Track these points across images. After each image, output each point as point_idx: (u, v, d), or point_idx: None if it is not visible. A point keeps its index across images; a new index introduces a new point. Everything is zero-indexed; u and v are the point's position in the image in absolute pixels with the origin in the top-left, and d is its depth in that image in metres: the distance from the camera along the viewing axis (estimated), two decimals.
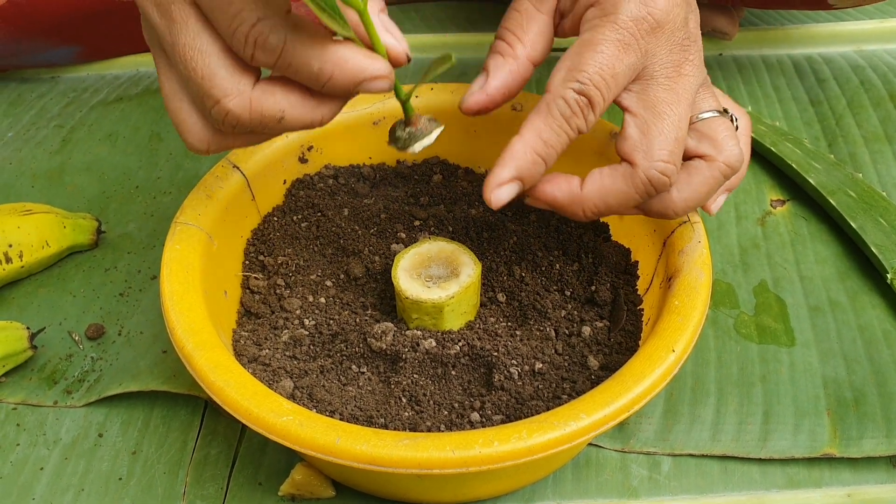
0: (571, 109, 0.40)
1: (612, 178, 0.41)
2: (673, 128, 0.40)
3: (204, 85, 0.36)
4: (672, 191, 0.42)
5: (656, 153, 0.40)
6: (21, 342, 0.50)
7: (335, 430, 0.38)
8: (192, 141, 0.39)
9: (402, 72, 0.46)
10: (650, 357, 0.40)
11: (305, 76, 0.36)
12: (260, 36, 0.35)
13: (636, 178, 0.40)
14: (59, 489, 0.46)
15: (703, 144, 0.42)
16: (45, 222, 0.55)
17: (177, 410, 0.49)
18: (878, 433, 0.47)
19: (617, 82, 0.40)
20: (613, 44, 0.39)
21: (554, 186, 0.42)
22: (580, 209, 0.42)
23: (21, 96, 0.72)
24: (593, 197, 0.41)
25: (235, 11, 0.35)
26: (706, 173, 0.42)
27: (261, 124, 0.38)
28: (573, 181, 0.42)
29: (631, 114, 0.41)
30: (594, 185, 0.41)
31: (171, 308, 0.43)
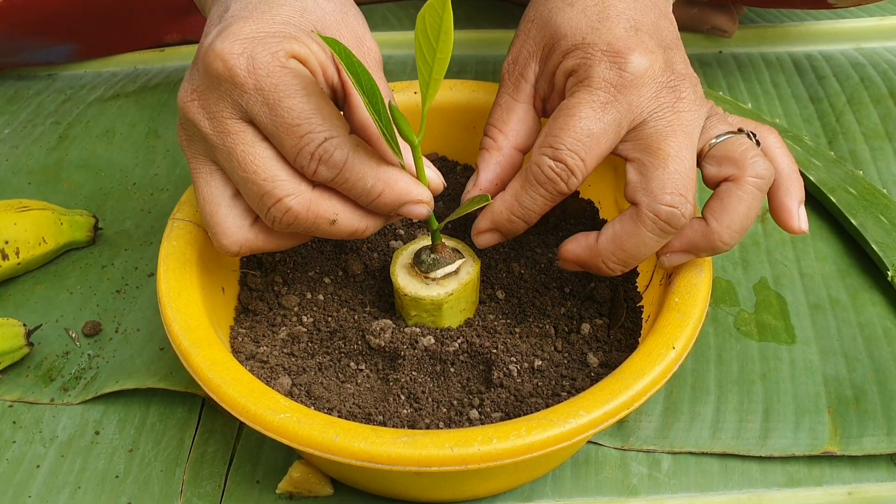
0: (547, 176, 0.41)
1: (621, 223, 0.41)
2: (674, 162, 0.40)
3: (266, 186, 0.39)
4: (711, 222, 0.41)
5: (657, 189, 0.40)
6: (17, 339, 0.50)
7: (333, 427, 0.37)
8: (227, 243, 0.41)
9: None
10: (650, 354, 0.40)
11: (358, 191, 0.39)
12: (325, 153, 0.38)
13: (643, 217, 0.40)
14: (55, 487, 0.46)
15: (724, 167, 0.41)
16: (41, 219, 0.55)
17: (174, 408, 0.49)
18: (878, 431, 0.46)
19: (597, 142, 0.40)
20: (589, 105, 0.40)
21: (574, 245, 0.43)
22: (601, 262, 0.42)
23: (18, 93, 0.72)
24: (609, 246, 0.41)
25: (305, 132, 0.38)
26: (737, 193, 0.40)
27: (314, 224, 0.40)
28: (591, 236, 0.43)
29: (630, 161, 0.41)
30: (607, 235, 0.42)
31: (168, 304, 0.42)
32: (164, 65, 0.74)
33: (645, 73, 0.40)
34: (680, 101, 0.41)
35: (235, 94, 0.38)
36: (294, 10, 0.41)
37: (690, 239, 0.41)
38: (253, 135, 0.39)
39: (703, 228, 0.41)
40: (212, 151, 0.40)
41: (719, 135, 0.42)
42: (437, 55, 0.37)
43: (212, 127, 0.39)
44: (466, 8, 0.78)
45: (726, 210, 0.41)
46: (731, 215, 0.41)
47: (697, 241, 0.41)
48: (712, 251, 0.41)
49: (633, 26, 0.41)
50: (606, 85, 0.40)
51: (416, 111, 0.53)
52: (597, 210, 0.52)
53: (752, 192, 0.40)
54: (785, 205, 0.42)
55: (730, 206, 0.41)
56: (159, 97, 0.70)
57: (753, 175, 0.40)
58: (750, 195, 0.40)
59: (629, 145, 0.41)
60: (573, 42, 0.41)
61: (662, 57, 0.41)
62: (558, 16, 0.42)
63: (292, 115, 0.38)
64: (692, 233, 0.41)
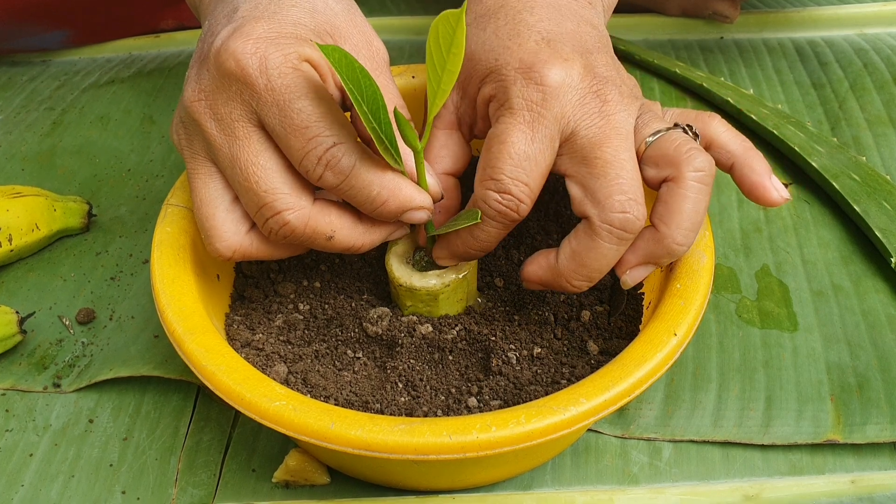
0: (497, 210, 0.40)
1: (577, 239, 0.40)
2: (614, 167, 0.38)
3: (266, 197, 0.39)
4: (660, 227, 0.39)
5: (605, 198, 0.38)
6: (10, 327, 0.50)
7: (329, 415, 0.37)
8: (221, 247, 0.41)
9: None
10: (651, 341, 0.39)
11: (363, 198, 0.39)
12: (333, 158, 0.38)
13: (597, 230, 0.39)
14: (48, 476, 0.45)
15: (662, 168, 0.39)
16: (34, 205, 0.54)
17: (169, 396, 0.49)
18: (882, 419, 0.46)
19: (536, 163, 0.39)
20: (517, 129, 0.39)
21: (535, 266, 0.42)
22: (565, 281, 0.41)
23: (11, 79, 0.71)
24: (569, 265, 0.40)
25: (313, 135, 0.38)
26: (680, 192, 0.39)
27: (311, 239, 0.40)
28: (550, 255, 0.41)
29: (568, 176, 0.40)
30: (565, 253, 0.40)
31: (162, 291, 0.42)
32: (160, 50, 0.74)
33: (563, 83, 0.39)
34: (606, 105, 0.39)
35: (246, 95, 0.38)
36: (304, 10, 0.40)
37: (645, 249, 0.40)
38: (259, 141, 0.39)
39: (655, 235, 0.40)
40: (214, 154, 0.40)
41: (653, 133, 0.40)
42: (448, 67, 0.37)
43: (218, 129, 0.39)
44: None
45: (673, 212, 0.39)
46: (679, 216, 0.39)
47: (653, 250, 0.40)
48: (670, 256, 0.40)
49: (545, 38, 0.40)
50: (528, 103, 0.39)
51: (413, 95, 0.52)
52: None
53: (695, 187, 0.39)
54: (756, 182, 0.41)
55: (675, 206, 0.39)
56: (154, 83, 0.69)
57: (693, 170, 0.39)
58: (694, 191, 0.39)
59: (565, 160, 0.40)
60: (487, 66, 0.41)
61: (580, 63, 0.40)
62: (472, 42, 0.42)
63: (301, 118, 0.37)
64: (645, 243, 0.40)
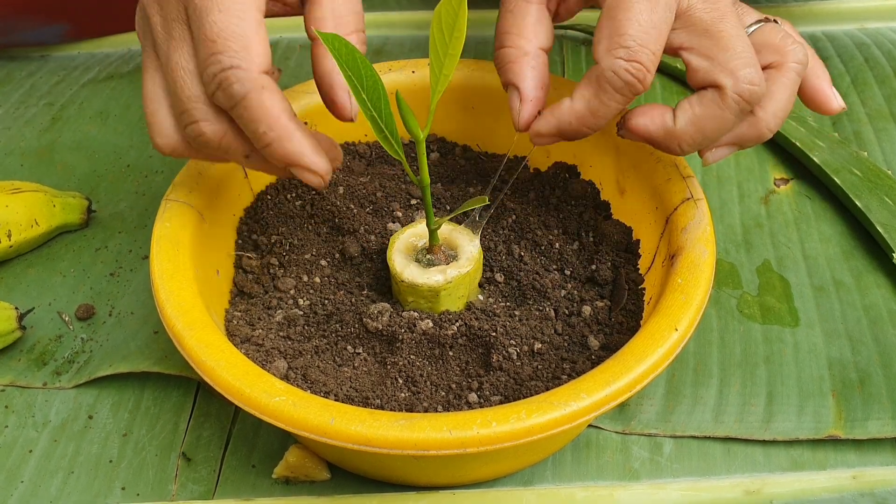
0: (625, 80, 0.39)
1: (702, 107, 0.40)
2: (738, 42, 0.39)
3: (187, 104, 0.39)
4: (757, 111, 0.41)
5: (736, 69, 0.39)
6: (9, 322, 0.49)
7: (329, 410, 0.37)
8: (160, 142, 0.41)
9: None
10: (653, 336, 0.39)
11: (250, 131, 0.38)
12: (225, 80, 0.37)
13: (727, 99, 0.39)
14: (48, 472, 0.45)
15: (764, 55, 0.41)
16: (34, 201, 0.54)
17: (168, 392, 0.48)
18: (883, 414, 0.46)
19: (660, 33, 0.39)
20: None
21: (647, 119, 0.41)
22: (676, 144, 0.41)
23: (10, 74, 0.71)
24: (689, 129, 0.40)
25: (215, 51, 0.37)
26: (781, 80, 0.41)
27: (227, 153, 0.40)
28: (667, 115, 0.41)
29: (686, 49, 0.40)
30: (686, 118, 0.40)
31: (161, 286, 0.42)
32: None
33: None
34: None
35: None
36: None
37: (738, 132, 0.41)
38: (190, 46, 0.38)
39: (750, 119, 0.41)
40: (157, 50, 0.40)
41: (755, 22, 0.42)
42: (449, 51, 0.37)
43: (161, 25, 0.39)
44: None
45: (772, 97, 0.41)
46: (776, 102, 0.41)
47: (745, 133, 0.42)
48: (758, 139, 0.42)
49: None
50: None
51: (412, 90, 0.52)
52: (598, 191, 0.51)
53: (794, 77, 0.41)
54: (819, 88, 0.44)
55: (775, 93, 0.41)
56: None
57: (794, 61, 0.41)
58: (793, 81, 0.41)
59: (682, 34, 0.40)
60: None
61: None
62: None
63: (213, 31, 0.37)
64: (740, 128, 0.41)
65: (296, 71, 0.69)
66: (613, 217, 0.50)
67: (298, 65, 0.70)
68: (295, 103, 0.51)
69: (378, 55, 0.71)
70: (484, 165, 0.53)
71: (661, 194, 0.46)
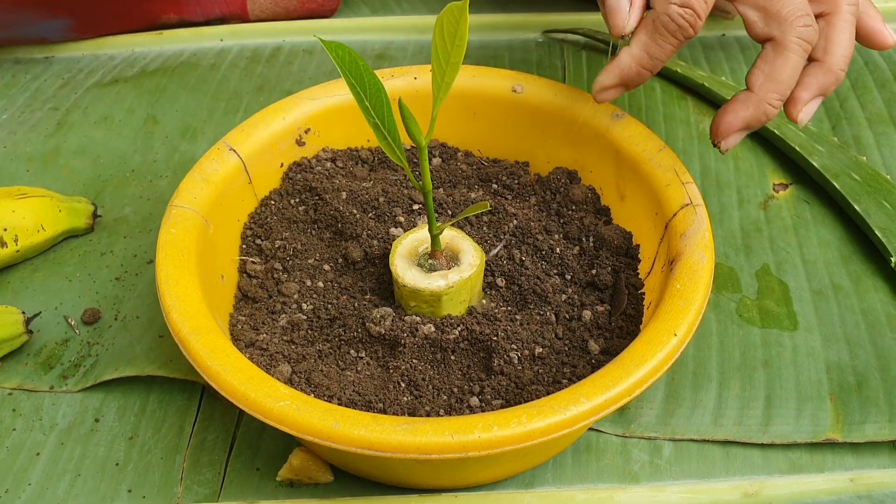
0: (678, 24, 0.43)
1: (767, 62, 0.44)
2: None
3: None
4: (826, 60, 0.45)
5: (790, 16, 0.43)
6: (17, 327, 0.50)
7: (333, 414, 0.37)
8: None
9: None
10: (652, 341, 0.39)
11: None
12: None
13: (787, 44, 0.43)
14: (55, 474, 0.46)
15: (816, 4, 0.45)
16: (40, 206, 0.55)
17: (174, 395, 0.49)
18: (881, 418, 0.46)
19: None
20: None
21: (731, 115, 0.45)
22: (765, 105, 0.45)
23: (15, 77, 0.71)
24: (769, 86, 0.44)
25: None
26: (841, 24, 0.45)
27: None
28: (739, 95, 0.45)
29: (742, 1, 0.44)
30: (759, 80, 0.44)
31: (167, 292, 0.42)
32: (162, 48, 0.74)
33: None
34: None
35: None
36: None
37: (816, 83, 0.45)
38: None
39: (822, 68, 0.45)
40: None
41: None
42: (451, 59, 0.38)
43: None
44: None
45: (835, 41, 0.45)
46: (840, 45, 0.45)
47: (822, 81, 0.45)
48: (836, 83, 0.46)
49: None
50: None
51: (415, 96, 0.53)
52: (599, 196, 0.52)
53: (850, 19, 0.45)
54: (875, 28, 0.48)
55: (836, 36, 0.45)
56: (157, 82, 0.69)
57: (848, 3, 0.45)
58: (850, 23, 0.45)
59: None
60: None
61: None
62: None
63: None
64: (815, 77, 0.45)
65: (299, 75, 0.70)
66: (613, 222, 0.50)
67: (301, 69, 0.70)
68: (299, 109, 0.52)
69: (380, 59, 0.71)
70: (485, 170, 0.54)
71: (661, 200, 0.46)
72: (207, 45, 0.73)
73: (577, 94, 0.52)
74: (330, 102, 0.52)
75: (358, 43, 0.73)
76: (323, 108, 0.52)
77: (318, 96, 0.53)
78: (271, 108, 0.52)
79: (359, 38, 0.73)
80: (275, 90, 0.68)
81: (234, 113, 0.66)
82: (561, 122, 0.52)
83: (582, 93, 0.52)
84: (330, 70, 0.70)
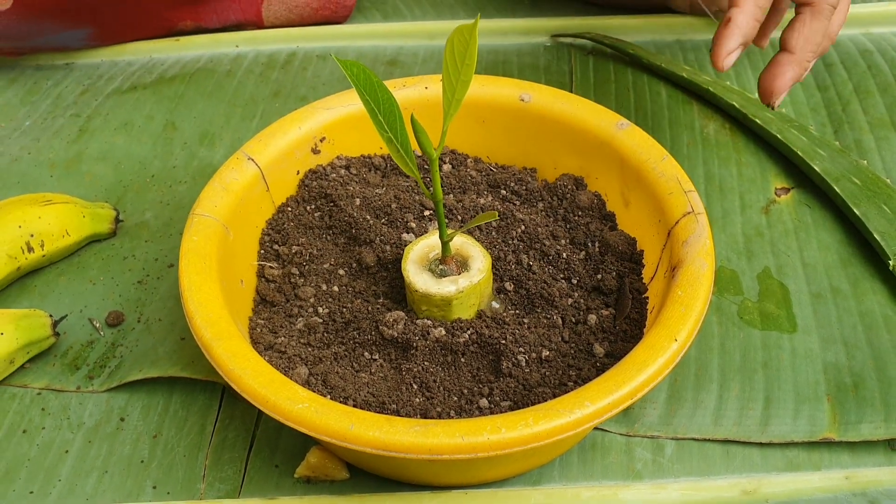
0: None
1: (807, 27, 0.52)
2: None
3: None
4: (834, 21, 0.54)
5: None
6: (44, 329, 0.52)
7: (349, 417, 0.39)
8: None
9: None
10: (653, 346, 0.41)
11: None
12: None
13: (822, 9, 0.51)
14: (83, 471, 0.48)
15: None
16: (64, 212, 0.57)
17: (195, 395, 0.51)
18: (876, 417, 0.48)
19: None
20: None
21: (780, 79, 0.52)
22: (805, 63, 0.52)
23: (37, 84, 0.73)
24: (806, 46, 0.52)
25: None
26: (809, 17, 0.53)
27: None
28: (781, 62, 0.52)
29: None
30: (798, 43, 0.52)
31: (190, 298, 0.44)
32: (180, 54, 0.75)
33: None
34: None
35: None
36: None
37: (826, 32, 0.53)
38: None
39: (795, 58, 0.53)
40: None
41: None
42: (462, 77, 0.40)
43: None
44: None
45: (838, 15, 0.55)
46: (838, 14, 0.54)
47: (831, 28, 0.54)
48: (831, 42, 0.57)
49: None
50: None
51: (426, 106, 0.54)
52: (604, 202, 0.53)
53: (826, 14, 0.53)
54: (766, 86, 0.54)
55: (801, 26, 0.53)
56: (176, 89, 0.71)
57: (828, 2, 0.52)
58: (823, 18, 0.53)
59: None
60: None
61: None
62: None
63: None
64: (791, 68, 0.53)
65: (313, 81, 0.71)
66: (619, 228, 0.52)
67: (315, 75, 0.72)
68: (314, 118, 0.54)
69: (392, 65, 0.73)
70: (494, 177, 0.55)
71: (664, 208, 0.48)
72: (224, 51, 0.75)
73: (583, 102, 0.53)
74: (344, 112, 0.54)
75: (370, 49, 0.74)
76: (337, 117, 0.54)
77: (333, 106, 0.54)
78: (288, 117, 0.54)
79: (371, 44, 0.75)
80: (290, 96, 0.70)
81: (251, 119, 0.68)
82: (567, 131, 0.53)
83: (588, 102, 0.53)
84: (343, 76, 0.71)
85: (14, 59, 0.75)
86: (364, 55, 0.74)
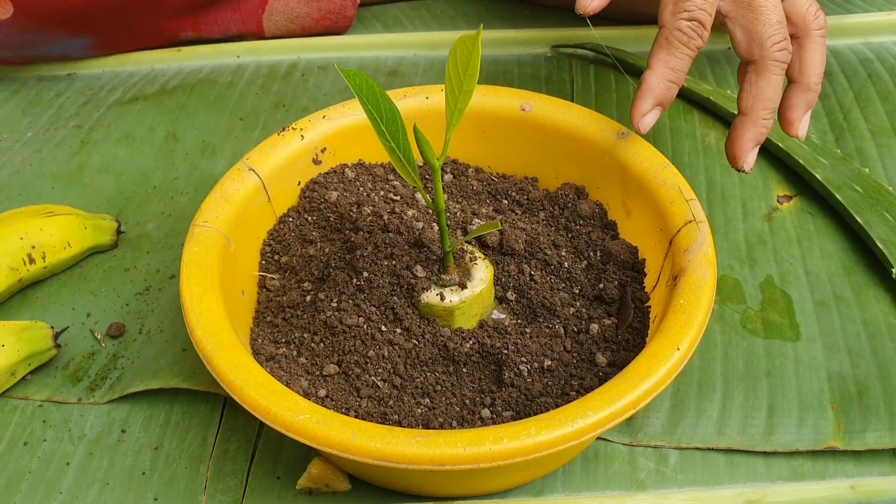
0: (688, 35, 0.48)
1: (754, 85, 0.49)
2: (773, 13, 0.48)
3: None
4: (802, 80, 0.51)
5: (768, 40, 0.48)
6: (46, 341, 0.52)
7: (351, 427, 0.39)
8: None
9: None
10: (656, 355, 0.41)
11: None
12: None
13: (767, 66, 0.49)
14: (84, 483, 0.48)
15: (794, 23, 0.51)
16: (66, 224, 0.57)
17: (197, 407, 0.51)
18: (881, 426, 0.48)
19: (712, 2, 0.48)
20: None
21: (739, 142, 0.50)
22: (761, 122, 0.50)
23: (39, 95, 0.73)
24: (759, 105, 0.49)
25: None
26: (813, 45, 0.51)
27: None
28: (737, 122, 0.50)
29: (731, 19, 0.49)
30: (748, 102, 0.49)
31: (191, 310, 0.44)
32: (181, 65, 0.76)
33: None
34: None
35: None
36: None
37: (800, 100, 0.51)
38: None
39: (800, 87, 0.51)
40: None
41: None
42: (464, 88, 0.40)
43: None
44: (477, 8, 0.79)
45: (808, 63, 0.51)
46: (812, 66, 0.51)
47: (807, 98, 0.51)
48: (816, 95, 0.52)
49: None
50: None
51: (427, 116, 0.54)
52: (606, 211, 0.53)
53: (822, 41, 0.51)
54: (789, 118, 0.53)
55: (808, 58, 0.51)
56: (177, 100, 0.71)
57: (818, 28, 0.51)
58: (821, 44, 0.51)
59: (728, 3, 0.49)
60: None
61: None
62: None
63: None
64: (797, 96, 0.51)
65: (314, 92, 0.72)
66: (620, 237, 0.52)
67: (317, 85, 0.72)
68: (315, 129, 0.54)
69: (392, 75, 0.73)
70: (495, 186, 0.55)
71: (665, 216, 0.48)
72: (225, 61, 0.75)
73: (584, 112, 0.53)
74: (345, 122, 0.54)
75: (371, 59, 0.75)
76: (338, 127, 0.54)
77: (334, 116, 0.54)
78: (289, 128, 0.54)
79: (372, 55, 0.75)
80: (291, 107, 0.70)
81: (252, 130, 0.68)
82: (568, 140, 0.53)
83: (588, 111, 0.53)
84: (344, 87, 0.71)
85: (16, 69, 0.75)
86: (365, 66, 0.74)
